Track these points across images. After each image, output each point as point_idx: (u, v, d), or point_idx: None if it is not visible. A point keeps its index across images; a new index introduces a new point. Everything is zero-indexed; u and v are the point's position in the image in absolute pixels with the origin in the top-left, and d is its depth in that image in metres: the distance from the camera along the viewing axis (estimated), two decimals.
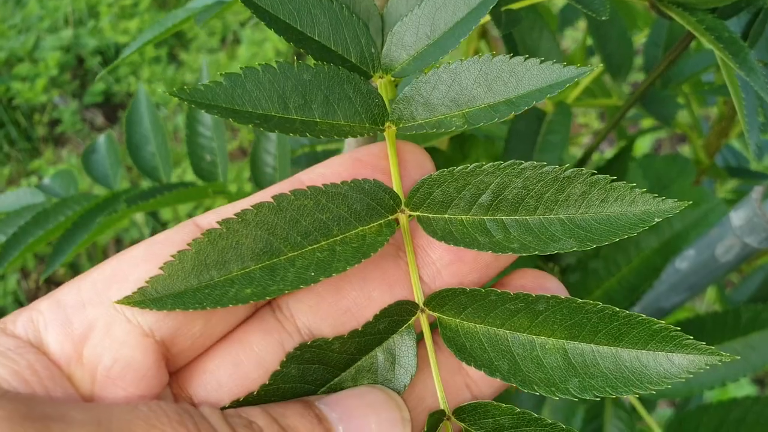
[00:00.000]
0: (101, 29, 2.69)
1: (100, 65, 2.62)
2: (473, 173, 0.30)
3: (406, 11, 0.34)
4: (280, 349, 0.32)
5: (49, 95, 2.53)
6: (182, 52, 2.65)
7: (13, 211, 0.68)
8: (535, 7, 0.58)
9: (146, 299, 0.28)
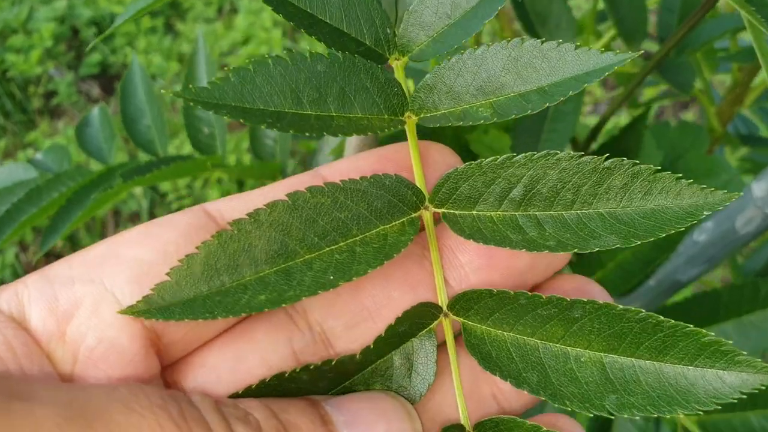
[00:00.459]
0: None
1: (95, 36, 2.59)
2: (503, 165, 0.28)
3: None
4: (287, 346, 0.29)
5: (44, 67, 2.50)
6: (179, 22, 2.61)
7: (4, 187, 0.66)
8: None
9: (152, 308, 0.26)
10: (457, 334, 0.30)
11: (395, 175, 0.29)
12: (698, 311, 0.56)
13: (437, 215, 0.30)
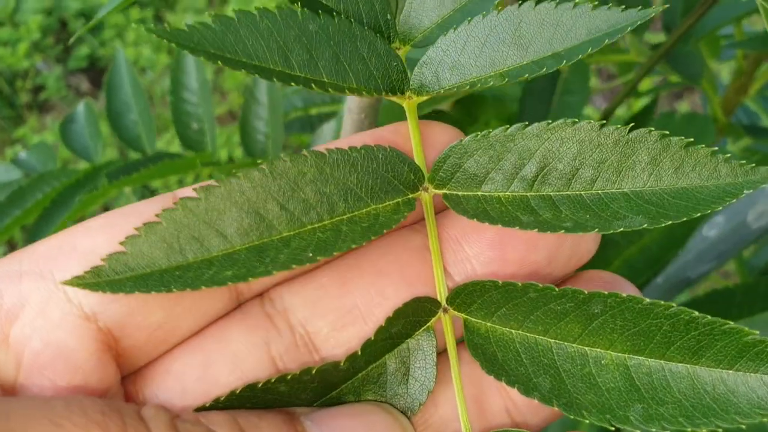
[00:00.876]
0: None
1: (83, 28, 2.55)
2: (513, 138, 0.25)
3: None
4: (263, 350, 0.26)
5: (31, 60, 2.47)
6: (168, 13, 2.57)
7: None
8: None
9: (101, 281, 0.23)
10: (459, 340, 0.27)
11: (389, 147, 0.26)
12: (710, 310, 0.54)
13: (438, 197, 0.27)
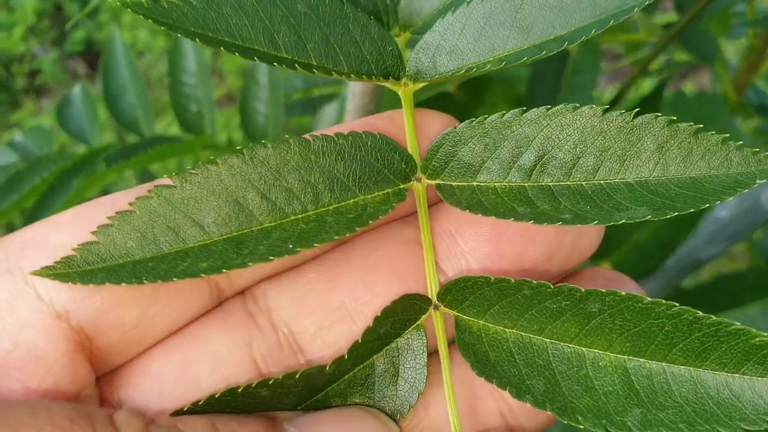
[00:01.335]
0: None
1: (79, 12, 2.53)
2: (510, 124, 0.23)
3: None
4: (245, 350, 0.25)
5: (27, 44, 2.45)
6: None
7: None
8: None
9: (71, 271, 0.22)
10: (451, 341, 0.25)
11: (378, 134, 0.25)
12: (722, 294, 0.53)
13: (431, 188, 0.25)
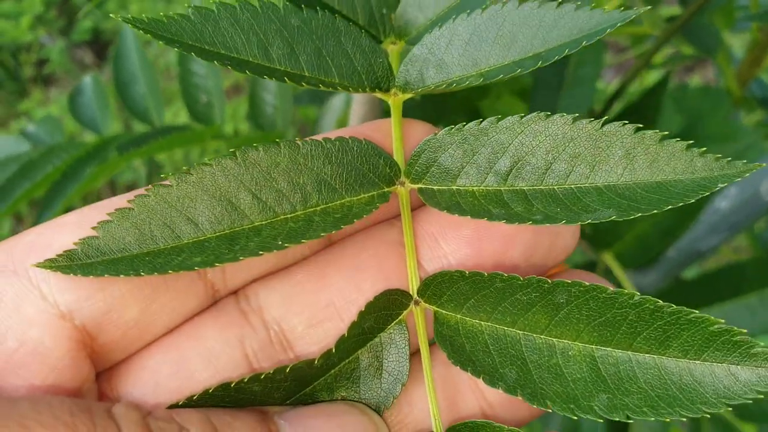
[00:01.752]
0: None
1: (86, 1, 2.53)
2: (486, 132, 0.25)
3: None
4: (238, 347, 0.26)
5: (35, 33, 2.45)
6: None
7: None
8: None
9: (73, 264, 0.23)
10: (432, 341, 0.27)
11: (364, 140, 0.26)
12: (722, 284, 0.53)
13: (414, 192, 0.27)
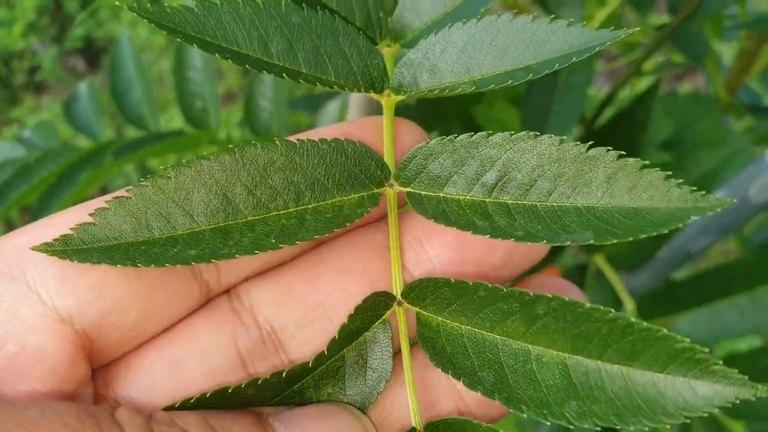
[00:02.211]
0: None
1: (78, 9, 2.54)
2: (477, 145, 0.26)
3: None
4: (231, 345, 0.26)
5: (27, 41, 2.45)
6: None
7: None
8: None
9: (69, 249, 0.23)
10: (413, 341, 0.28)
11: (359, 142, 0.27)
12: (711, 285, 0.54)
13: (401, 195, 0.28)
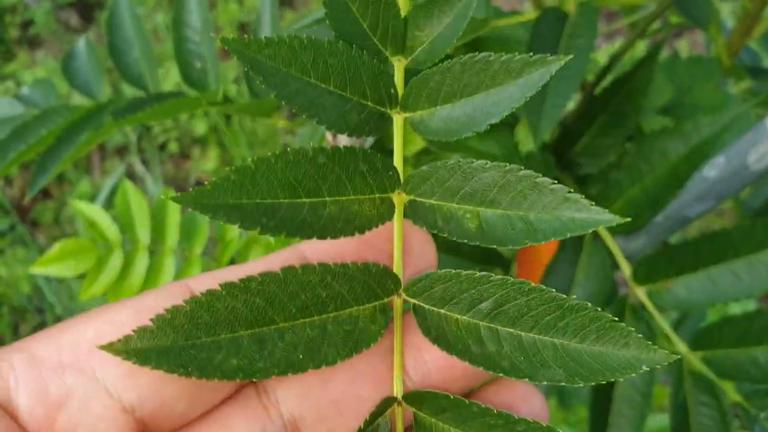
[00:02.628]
0: None
1: None
2: (480, 281, 0.30)
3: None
4: None
5: None
6: None
7: None
8: None
9: (129, 349, 0.27)
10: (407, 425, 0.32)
11: (383, 265, 0.31)
12: (708, 250, 0.55)
13: (406, 302, 0.32)
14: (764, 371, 0.52)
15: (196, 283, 0.30)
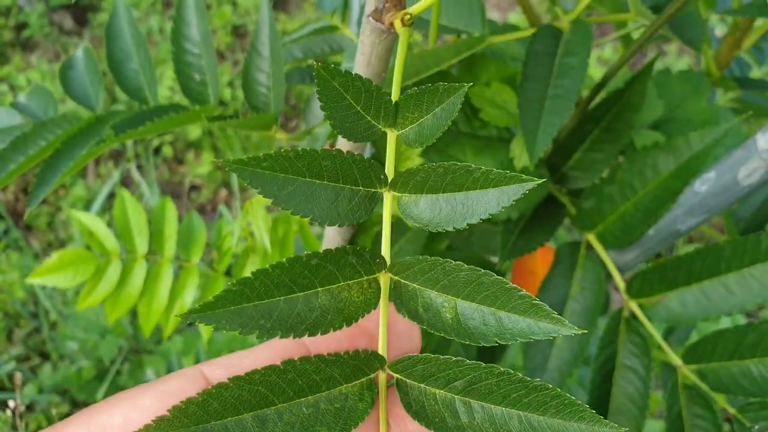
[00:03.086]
0: None
1: None
2: (456, 364, 0.33)
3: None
4: None
5: None
6: None
7: None
8: None
9: None
10: None
11: (372, 351, 0.35)
12: (700, 265, 0.56)
13: (390, 377, 0.35)
14: (757, 384, 0.53)
15: (209, 369, 0.34)
